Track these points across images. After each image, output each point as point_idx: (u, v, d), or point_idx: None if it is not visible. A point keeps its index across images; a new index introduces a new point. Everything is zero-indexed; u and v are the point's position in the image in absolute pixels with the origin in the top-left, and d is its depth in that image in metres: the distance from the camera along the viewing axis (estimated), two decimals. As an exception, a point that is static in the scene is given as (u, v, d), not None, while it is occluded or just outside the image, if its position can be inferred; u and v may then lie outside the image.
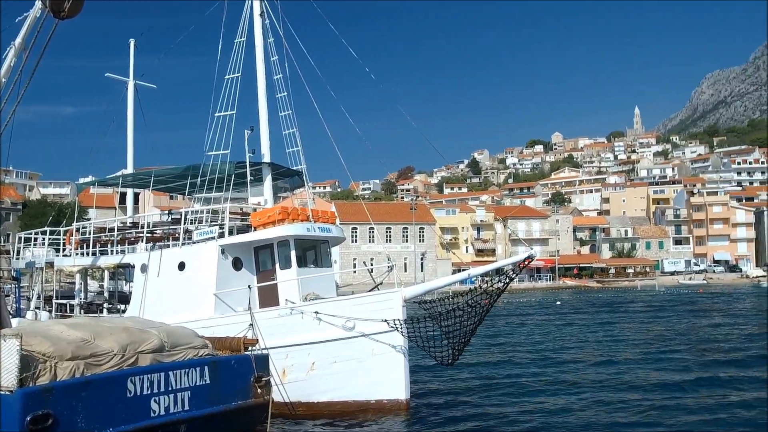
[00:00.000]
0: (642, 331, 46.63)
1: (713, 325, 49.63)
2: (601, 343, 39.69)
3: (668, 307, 68.45)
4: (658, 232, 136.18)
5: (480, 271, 20.85)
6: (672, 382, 25.27)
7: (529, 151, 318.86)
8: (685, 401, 21.75)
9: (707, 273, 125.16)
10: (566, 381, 26.31)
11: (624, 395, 23.02)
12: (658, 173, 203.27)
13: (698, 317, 56.48)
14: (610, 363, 31.03)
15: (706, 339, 40.80)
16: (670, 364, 30.35)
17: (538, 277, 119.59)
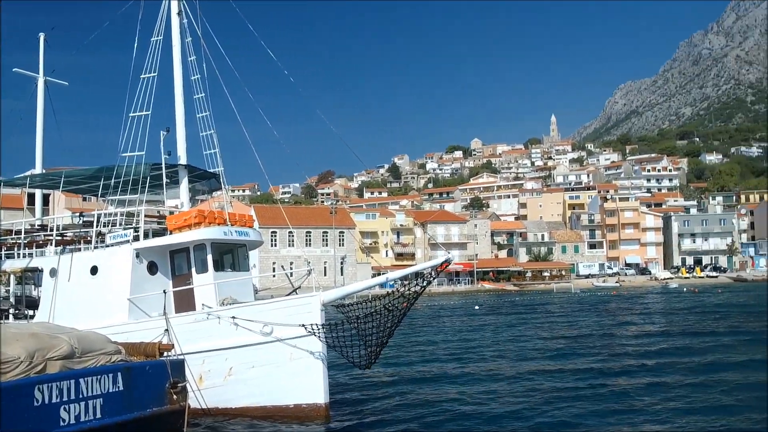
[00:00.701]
0: (555, 330, 48.19)
1: (623, 323, 52.09)
2: (514, 343, 41.10)
3: (583, 308, 70.51)
4: (574, 237, 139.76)
5: (398, 275, 20.97)
6: (580, 378, 26.59)
7: (449, 157, 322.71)
8: (586, 394, 23.21)
9: (620, 276, 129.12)
10: (481, 380, 27.10)
11: (535, 392, 23.92)
12: (573, 179, 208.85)
13: (611, 316, 58.84)
14: (523, 361, 32.21)
15: (612, 336, 43.35)
16: (579, 360, 31.75)
17: (457, 281, 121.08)
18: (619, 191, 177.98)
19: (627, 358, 33.22)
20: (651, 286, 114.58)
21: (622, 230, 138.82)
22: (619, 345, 38.77)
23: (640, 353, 34.71)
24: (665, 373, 28.04)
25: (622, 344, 39.08)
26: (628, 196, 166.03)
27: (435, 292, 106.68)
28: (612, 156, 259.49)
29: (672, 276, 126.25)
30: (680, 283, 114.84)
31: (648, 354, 34.46)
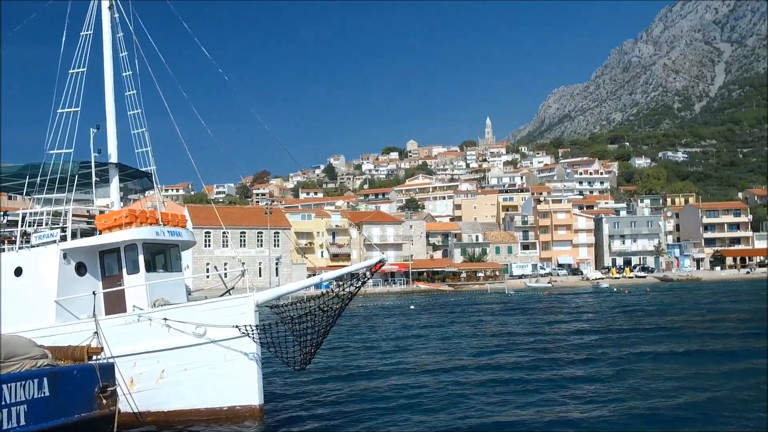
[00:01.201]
0: (487, 328, 49.06)
1: (552, 322, 53.48)
2: (447, 341, 41.88)
3: (515, 308, 71.57)
4: (507, 238, 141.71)
5: (332, 275, 20.93)
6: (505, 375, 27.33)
7: (385, 158, 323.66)
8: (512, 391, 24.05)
9: (552, 276, 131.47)
10: (414, 378, 27.42)
11: (465, 389, 24.29)
12: (507, 181, 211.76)
13: (541, 315, 60.11)
14: (455, 359, 32.74)
15: (540, 333, 44.73)
16: (506, 357, 32.46)
17: (393, 282, 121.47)
18: (552, 193, 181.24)
19: (552, 354, 34.73)
20: (582, 286, 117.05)
21: (554, 231, 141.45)
22: (546, 342, 40.37)
23: (566, 349, 36.34)
24: (588, 366, 29.47)
25: (549, 341, 40.62)
26: (561, 198, 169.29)
27: (370, 292, 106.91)
28: (545, 159, 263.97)
29: (603, 276, 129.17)
30: (611, 283, 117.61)
31: (573, 349, 36.10)
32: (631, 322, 50.79)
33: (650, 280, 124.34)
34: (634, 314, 58.53)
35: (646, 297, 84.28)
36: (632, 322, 51.45)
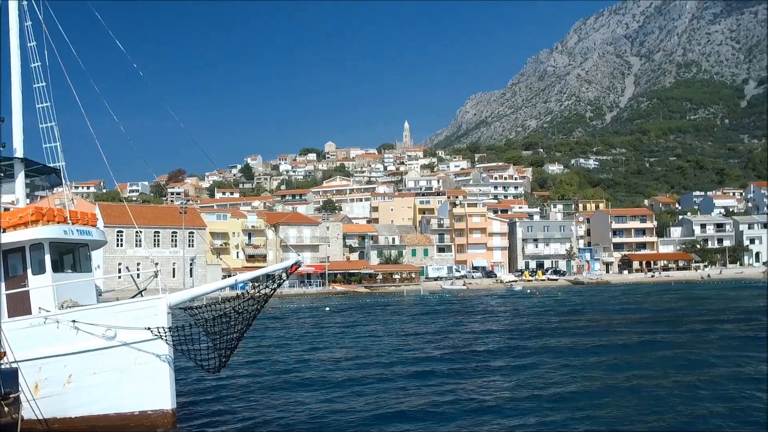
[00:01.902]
0: (403, 329, 49.62)
1: (466, 322, 54.76)
2: (361, 342, 42.50)
3: (430, 309, 72.27)
4: (424, 240, 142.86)
5: (247, 277, 20.59)
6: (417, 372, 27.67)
7: (303, 159, 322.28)
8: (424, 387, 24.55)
9: (467, 278, 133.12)
10: (327, 379, 27.55)
11: (378, 387, 24.45)
12: (424, 185, 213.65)
13: (455, 316, 61.12)
14: (368, 359, 32.93)
15: (450, 333, 45.97)
16: (419, 356, 33.01)
17: (309, 283, 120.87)
18: (468, 197, 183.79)
19: (464, 352, 35.99)
20: (496, 288, 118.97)
21: (470, 235, 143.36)
22: (458, 341, 41.59)
23: (476, 348, 37.90)
24: (494, 362, 30.99)
25: (461, 341, 41.82)
26: (476, 202, 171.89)
27: (286, 294, 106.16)
28: (462, 163, 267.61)
29: (516, 279, 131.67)
30: (524, 285, 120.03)
31: (483, 347, 37.74)
32: (539, 322, 53.38)
33: (562, 283, 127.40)
34: (543, 314, 60.97)
35: (557, 299, 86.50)
36: (540, 321, 54.09)
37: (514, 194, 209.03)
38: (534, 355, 35.14)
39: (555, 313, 63.25)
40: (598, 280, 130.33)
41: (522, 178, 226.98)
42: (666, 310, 62.26)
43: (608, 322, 52.41)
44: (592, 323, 52.04)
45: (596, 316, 58.05)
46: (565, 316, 59.63)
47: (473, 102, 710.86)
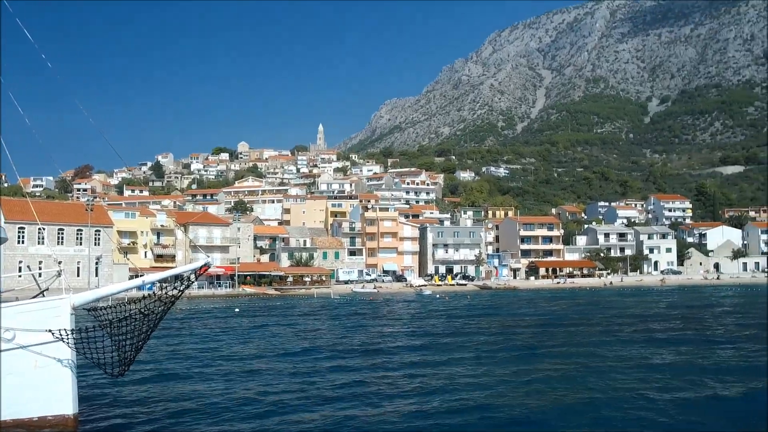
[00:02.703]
0: (308, 331, 50.04)
1: (373, 325, 55.48)
2: (267, 344, 42.87)
3: (340, 312, 72.48)
4: (335, 243, 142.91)
5: (156, 277, 20.22)
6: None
7: (215, 158, 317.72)
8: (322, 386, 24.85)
9: (377, 282, 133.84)
10: (232, 381, 27.54)
11: (281, 389, 24.57)
12: (337, 188, 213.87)
13: (363, 319, 61.73)
14: (274, 361, 32.91)
15: (355, 335, 47.05)
16: (323, 356, 33.32)
17: (219, 284, 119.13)
18: (380, 202, 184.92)
19: (368, 355, 36.53)
20: (406, 292, 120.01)
21: (381, 239, 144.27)
22: (364, 343, 42.51)
23: (383, 349, 39.31)
24: (395, 363, 31.89)
25: (369, 343, 42.66)
26: (388, 206, 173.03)
27: (195, 295, 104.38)
28: (375, 168, 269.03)
29: (426, 283, 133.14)
30: (433, 290, 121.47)
31: (388, 349, 38.92)
32: (446, 326, 54.62)
33: (471, 288, 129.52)
34: (450, 318, 62.34)
35: (465, 303, 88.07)
36: (448, 325, 55.44)
37: (425, 200, 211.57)
38: (430, 354, 36.87)
39: (459, 316, 64.89)
40: (506, 285, 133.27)
41: (434, 184, 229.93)
42: (565, 315, 64.50)
43: (510, 325, 54.63)
44: (492, 326, 54.00)
45: (499, 320, 60.07)
46: (467, 319, 61.67)
47: (388, 107, 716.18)
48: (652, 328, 52.48)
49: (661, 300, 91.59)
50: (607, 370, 30.91)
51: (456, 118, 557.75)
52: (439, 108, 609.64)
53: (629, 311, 71.43)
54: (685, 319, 60.77)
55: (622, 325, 54.94)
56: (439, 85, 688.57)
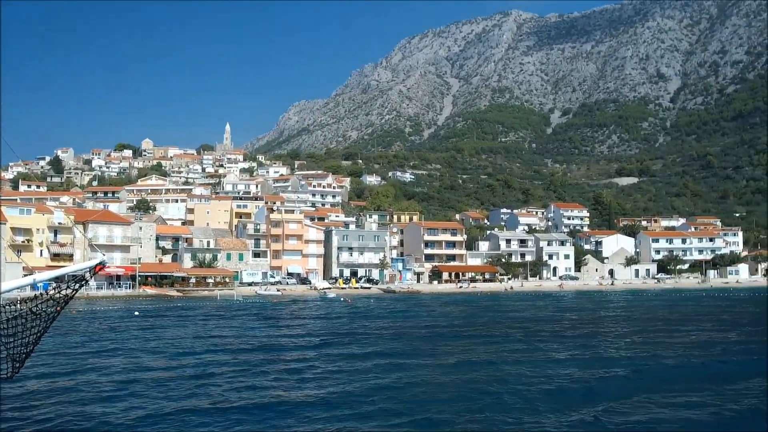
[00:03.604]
0: (209, 333, 49.89)
1: (275, 327, 55.94)
2: (163, 346, 42.66)
3: (242, 314, 72.19)
4: (239, 245, 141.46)
5: (48, 276, 19.74)
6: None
7: (118, 155, 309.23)
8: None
9: (282, 284, 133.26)
10: (124, 383, 27.36)
11: (166, 387, 24.63)
12: (242, 189, 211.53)
13: (266, 321, 61.84)
14: (171, 362, 32.86)
15: (253, 337, 46.56)
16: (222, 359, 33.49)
17: (118, 285, 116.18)
18: (286, 203, 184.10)
19: (264, 355, 37.14)
20: (310, 295, 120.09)
21: (286, 241, 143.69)
22: (260, 345, 43.23)
23: (276, 349, 40.93)
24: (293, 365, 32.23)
25: (264, 344, 43.50)
26: (294, 208, 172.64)
27: (93, 296, 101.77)
28: (281, 169, 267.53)
29: (330, 286, 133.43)
30: (337, 293, 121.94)
31: (283, 351, 39.77)
32: (346, 328, 56.09)
33: (375, 291, 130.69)
34: (358, 321, 63.03)
35: (367, 306, 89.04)
36: (348, 327, 57.34)
37: (331, 203, 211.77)
38: (323, 356, 38.47)
39: (361, 318, 65.76)
40: (409, 289, 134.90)
41: (340, 188, 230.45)
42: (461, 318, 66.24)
43: (403, 327, 56.22)
44: (389, 328, 55.48)
45: (397, 322, 61.32)
46: (367, 321, 63.25)
47: (297, 109, 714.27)
48: (532, 329, 56.20)
49: (550, 305, 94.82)
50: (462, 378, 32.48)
51: (364, 123, 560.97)
52: (348, 112, 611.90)
53: (520, 315, 74.56)
54: (571, 321, 63.56)
55: (508, 327, 57.79)
56: (348, 89, 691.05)
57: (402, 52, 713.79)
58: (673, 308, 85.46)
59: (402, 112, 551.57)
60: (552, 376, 32.13)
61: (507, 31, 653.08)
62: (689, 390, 28.48)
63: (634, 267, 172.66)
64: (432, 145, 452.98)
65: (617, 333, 54.38)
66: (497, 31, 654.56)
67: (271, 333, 52.44)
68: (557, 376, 32.21)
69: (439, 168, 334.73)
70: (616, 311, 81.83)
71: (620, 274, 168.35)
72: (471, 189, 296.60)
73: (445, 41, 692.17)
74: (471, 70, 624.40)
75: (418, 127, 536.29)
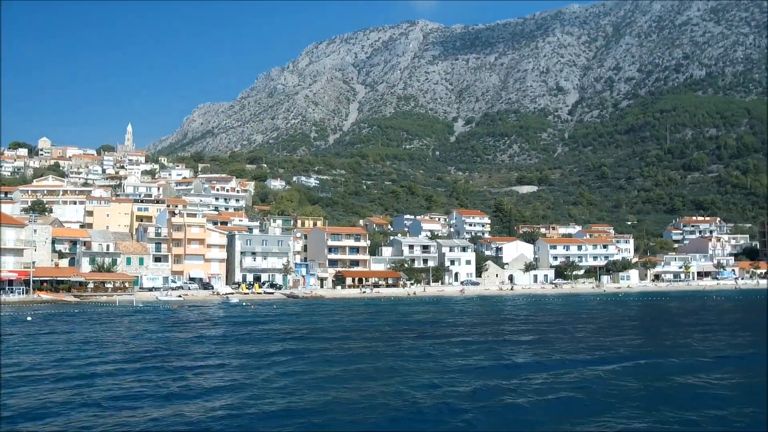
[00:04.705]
0: (105, 339, 49.93)
1: (170, 332, 56.58)
2: (51, 353, 42.37)
3: (140, 320, 71.44)
4: (140, 249, 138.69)
5: None
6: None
7: (12, 154, 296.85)
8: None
9: (183, 290, 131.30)
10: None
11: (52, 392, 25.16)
12: (144, 191, 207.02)
13: (157, 326, 62.04)
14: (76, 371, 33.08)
15: (143, 340, 47.31)
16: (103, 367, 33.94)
17: (11, 290, 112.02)
18: (188, 207, 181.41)
19: (158, 361, 38.63)
20: (212, 300, 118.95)
21: (188, 245, 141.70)
22: (154, 350, 44.44)
23: (176, 354, 41.47)
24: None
25: (159, 350, 43.99)
26: (197, 212, 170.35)
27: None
28: (184, 172, 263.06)
29: (233, 291, 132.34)
30: (240, 298, 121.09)
31: (184, 355, 40.94)
32: (245, 334, 57.17)
33: (278, 297, 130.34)
34: (259, 326, 64.00)
35: (270, 311, 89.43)
36: (245, 331, 58.70)
37: (235, 207, 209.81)
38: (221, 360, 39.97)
39: (258, 323, 67.14)
40: (313, 294, 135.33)
41: (244, 192, 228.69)
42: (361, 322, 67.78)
43: (307, 332, 57.70)
44: (291, 333, 57.09)
45: (293, 326, 62.80)
46: (267, 325, 64.75)
47: (201, 111, 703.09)
48: (424, 331, 59.27)
49: (447, 309, 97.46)
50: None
51: (269, 127, 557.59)
52: (253, 115, 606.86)
53: (416, 318, 77.18)
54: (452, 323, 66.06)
55: (402, 331, 60.13)
56: (254, 93, 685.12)
57: (309, 56, 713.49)
58: (552, 312, 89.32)
59: (308, 117, 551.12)
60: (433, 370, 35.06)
61: (413, 39, 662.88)
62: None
63: (533, 272, 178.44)
64: (337, 150, 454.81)
65: (481, 333, 57.42)
66: (404, 40, 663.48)
67: (165, 337, 52.83)
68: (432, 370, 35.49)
69: (343, 173, 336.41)
70: (508, 315, 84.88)
71: (520, 280, 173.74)
72: (375, 195, 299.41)
73: (353, 47, 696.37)
74: (377, 77, 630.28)
75: (324, 132, 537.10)
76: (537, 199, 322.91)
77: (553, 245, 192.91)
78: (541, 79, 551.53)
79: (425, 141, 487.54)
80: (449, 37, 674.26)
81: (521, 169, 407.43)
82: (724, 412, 25.85)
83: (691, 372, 35.39)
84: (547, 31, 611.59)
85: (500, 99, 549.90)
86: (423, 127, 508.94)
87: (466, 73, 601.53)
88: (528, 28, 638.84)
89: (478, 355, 42.54)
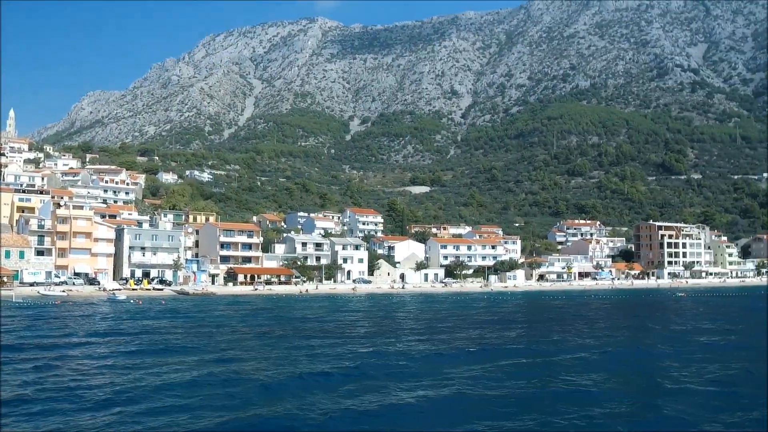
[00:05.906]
0: None
1: (48, 329, 56.15)
2: None
3: (16, 315, 69.28)
4: (20, 241, 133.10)
5: None
6: None
7: None
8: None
9: (67, 285, 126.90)
10: None
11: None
12: (26, 181, 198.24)
13: (45, 324, 60.54)
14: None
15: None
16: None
17: None
18: (75, 199, 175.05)
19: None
20: (99, 296, 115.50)
21: (73, 239, 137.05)
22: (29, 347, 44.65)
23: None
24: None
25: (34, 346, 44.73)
26: (83, 204, 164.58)
27: None
28: (71, 162, 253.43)
29: (120, 287, 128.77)
30: (128, 294, 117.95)
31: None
32: (130, 328, 57.87)
33: (167, 293, 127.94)
34: (137, 320, 64.85)
35: (158, 308, 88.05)
36: (132, 328, 58.98)
37: (124, 200, 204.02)
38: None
39: (142, 319, 66.60)
40: (203, 291, 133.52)
41: (134, 185, 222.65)
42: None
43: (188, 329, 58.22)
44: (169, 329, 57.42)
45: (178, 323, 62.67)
46: (146, 321, 65.39)
47: (91, 99, 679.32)
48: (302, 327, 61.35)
49: (336, 306, 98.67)
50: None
51: (163, 118, 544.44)
52: (146, 106, 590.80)
53: (299, 315, 78.61)
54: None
55: (284, 327, 61.62)
56: (147, 83, 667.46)
57: (206, 48, 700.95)
58: (438, 309, 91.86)
59: (203, 110, 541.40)
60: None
61: (312, 37, 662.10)
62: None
63: (423, 271, 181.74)
64: (232, 145, 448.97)
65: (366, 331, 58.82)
66: (303, 36, 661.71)
67: (42, 334, 52.09)
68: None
69: (237, 169, 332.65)
70: (396, 311, 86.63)
71: (411, 278, 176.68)
72: (269, 191, 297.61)
73: (251, 41, 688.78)
74: (275, 73, 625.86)
75: (219, 126, 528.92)
76: (429, 200, 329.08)
77: (443, 245, 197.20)
78: (437, 82, 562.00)
79: (321, 139, 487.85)
80: (348, 36, 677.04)
81: (415, 169, 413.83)
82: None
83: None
84: (443, 36, 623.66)
85: (396, 100, 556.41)
86: (319, 124, 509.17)
87: (363, 73, 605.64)
88: (425, 31, 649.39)
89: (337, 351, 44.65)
